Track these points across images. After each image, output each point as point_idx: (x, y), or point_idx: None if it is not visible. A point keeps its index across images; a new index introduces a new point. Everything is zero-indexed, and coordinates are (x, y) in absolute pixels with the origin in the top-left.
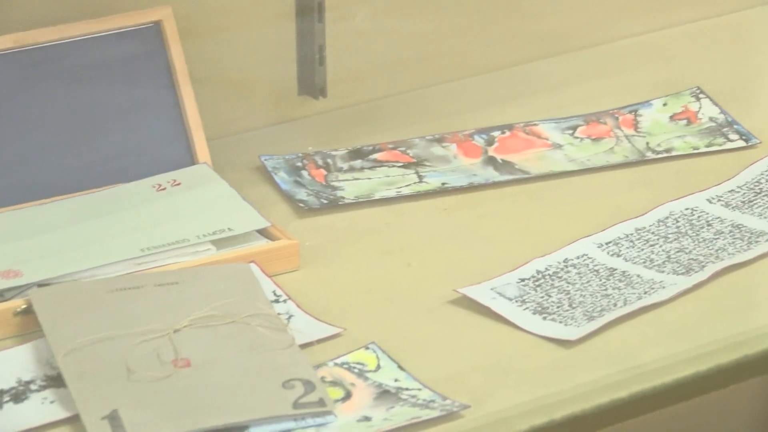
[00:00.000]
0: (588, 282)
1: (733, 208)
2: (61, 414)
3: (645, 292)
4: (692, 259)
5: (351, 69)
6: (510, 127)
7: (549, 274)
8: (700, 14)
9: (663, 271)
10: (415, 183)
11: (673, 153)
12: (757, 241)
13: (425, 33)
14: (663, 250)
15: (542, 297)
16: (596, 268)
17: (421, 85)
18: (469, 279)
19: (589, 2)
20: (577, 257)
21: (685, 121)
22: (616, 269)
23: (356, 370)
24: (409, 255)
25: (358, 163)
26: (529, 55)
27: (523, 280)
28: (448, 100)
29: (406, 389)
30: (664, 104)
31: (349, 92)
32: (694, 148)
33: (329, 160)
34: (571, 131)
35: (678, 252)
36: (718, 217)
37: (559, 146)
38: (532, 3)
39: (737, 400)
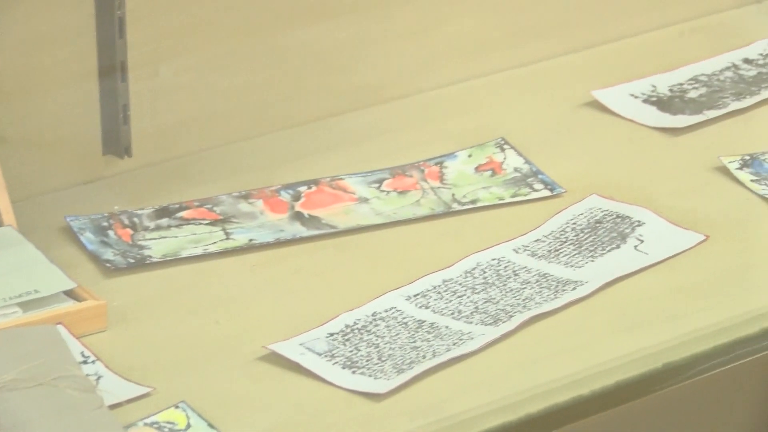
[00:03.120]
0: (397, 335)
1: (539, 257)
2: None
3: (454, 344)
4: (500, 309)
5: (156, 127)
6: (316, 181)
7: (358, 328)
8: (502, 65)
9: (471, 322)
10: (222, 240)
11: (479, 204)
12: (563, 290)
13: (230, 89)
14: (471, 301)
15: (351, 351)
16: (405, 320)
17: (226, 141)
18: (279, 335)
19: (392, 55)
20: (386, 310)
21: (489, 172)
22: (424, 321)
23: (166, 430)
24: (217, 312)
25: (164, 221)
26: (333, 108)
27: (332, 334)
28: (254, 155)
29: None
30: (469, 155)
31: (154, 150)
32: (500, 199)
33: (136, 219)
34: (377, 185)
35: (486, 302)
36: (525, 267)
37: (365, 200)
38: (336, 56)
39: None
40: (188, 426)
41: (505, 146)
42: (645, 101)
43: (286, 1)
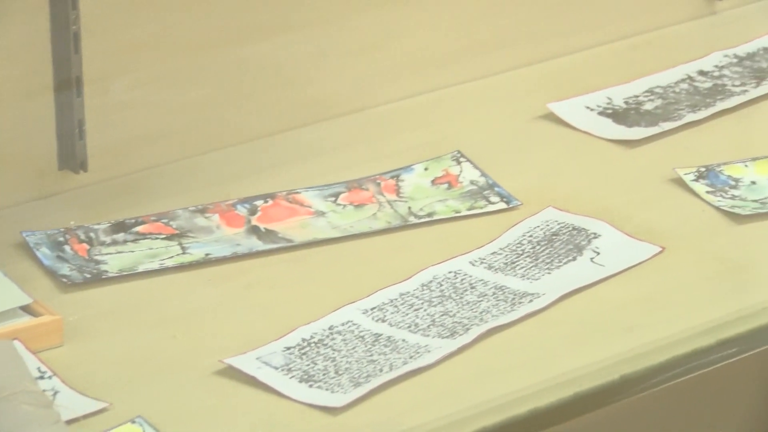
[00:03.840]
0: (353, 348)
1: (495, 270)
2: None
3: (411, 357)
4: (457, 322)
5: (112, 142)
6: (272, 195)
7: (314, 342)
8: (458, 78)
9: (428, 335)
10: (178, 255)
11: (436, 217)
12: (520, 303)
13: (186, 103)
14: (427, 314)
15: (308, 365)
16: (361, 334)
17: (182, 156)
18: (236, 349)
19: (348, 69)
20: (342, 324)
21: (446, 185)
22: (381, 335)
23: None
24: (174, 327)
25: (120, 236)
26: (289, 122)
27: (288, 348)
28: (210, 170)
29: None
30: (426, 169)
31: (110, 165)
32: (456, 212)
33: (92, 234)
34: (333, 198)
35: (442, 315)
36: (482, 280)
37: (322, 213)
38: (292, 71)
39: None
40: None
41: (462, 159)
42: (601, 113)
43: (241, 17)
